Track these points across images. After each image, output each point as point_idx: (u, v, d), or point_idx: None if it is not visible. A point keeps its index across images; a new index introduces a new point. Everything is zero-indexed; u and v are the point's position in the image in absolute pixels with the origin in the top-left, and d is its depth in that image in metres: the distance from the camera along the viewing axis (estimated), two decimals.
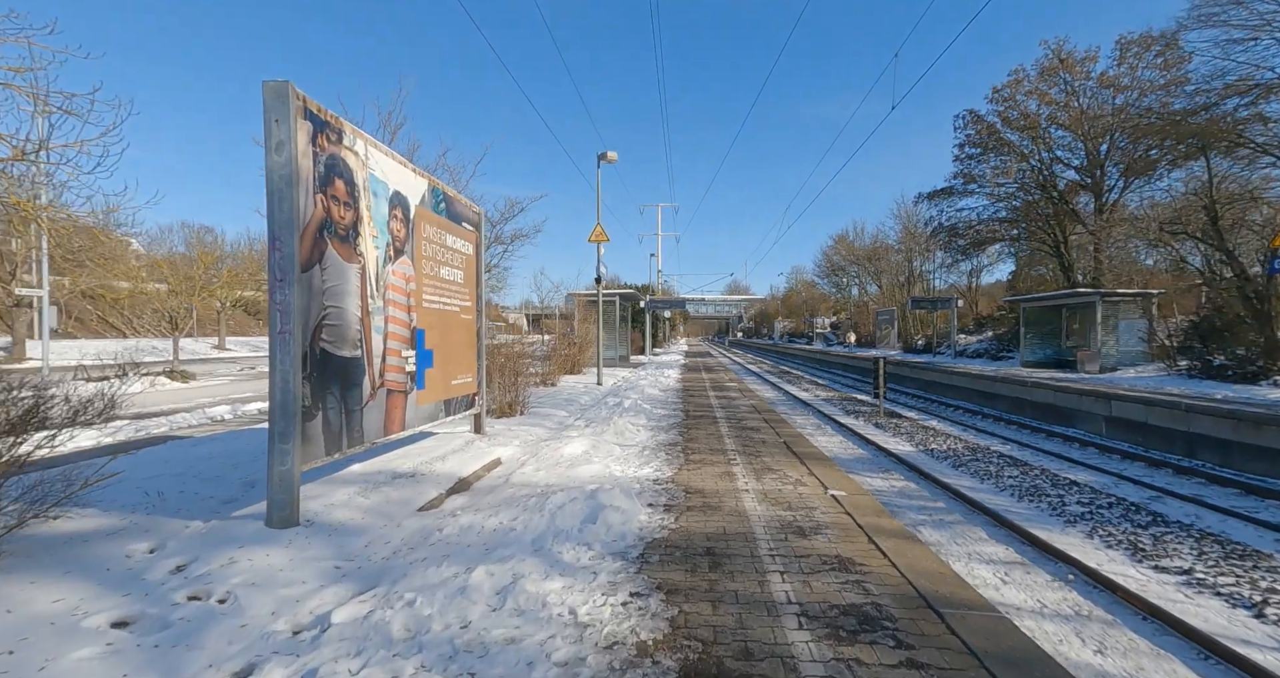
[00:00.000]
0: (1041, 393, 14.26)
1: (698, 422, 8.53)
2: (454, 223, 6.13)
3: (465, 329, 6.42)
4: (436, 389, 5.68)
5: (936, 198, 27.57)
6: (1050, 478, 8.62)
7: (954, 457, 10.22)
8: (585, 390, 12.29)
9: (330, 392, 3.86)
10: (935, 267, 36.15)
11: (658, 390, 12.39)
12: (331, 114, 3.85)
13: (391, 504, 3.99)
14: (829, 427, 13.84)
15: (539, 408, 9.29)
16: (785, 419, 9.54)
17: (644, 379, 15.13)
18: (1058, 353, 21.66)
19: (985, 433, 12.68)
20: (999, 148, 25.32)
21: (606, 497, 3.94)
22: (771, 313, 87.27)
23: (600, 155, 13.32)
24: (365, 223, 4.33)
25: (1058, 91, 23.39)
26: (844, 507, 4.11)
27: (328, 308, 3.84)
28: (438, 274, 5.72)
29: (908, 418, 14.94)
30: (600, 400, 10.64)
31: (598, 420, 8.10)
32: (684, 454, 6.11)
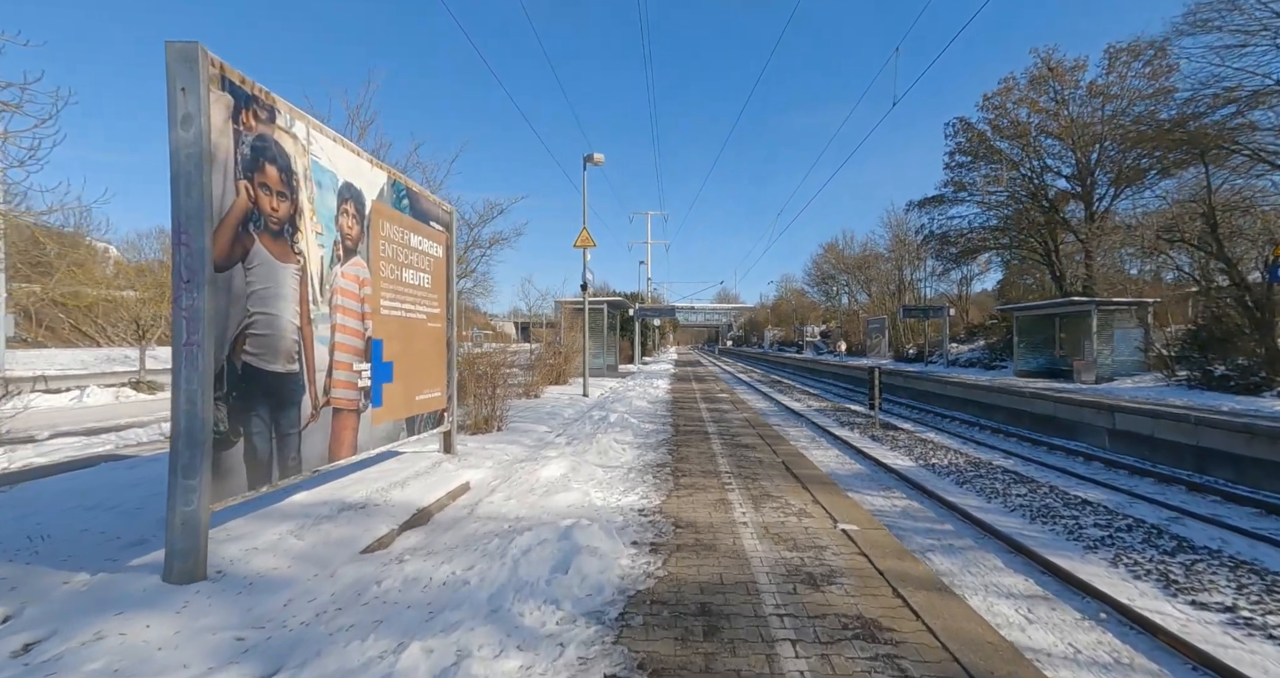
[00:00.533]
0: (1041, 404, 13.88)
1: (688, 438, 7.97)
2: (420, 222, 5.56)
3: (433, 339, 5.84)
4: (397, 406, 5.08)
5: (927, 206, 27.42)
6: (1060, 496, 8.15)
7: (957, 472, 9.74)
8: (570, 403, 11.69)
9: (256, 414, 3.26)
10: (926, 275, 36.06)
11: (646, 403, 11.82)
12: (260, 88, 3.29)
13: (330, 546, 3.39)
14: (824, 439, 13.33)
15: (519, 423, 8.69)
16: (781, 435, 9.02)
17: (632, 390, 14.56)
18: (1051, 362, 21.40)
19: (985, 446, 12.24)
20: (989, 156, 25.22)
21: (583, 535, 3.36)
22: (761, 321, 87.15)
23: (586, 158, 12.82)
24: (306, 217, 3.76)
25: (1047, 100, 23.35)
26: (858, 545, 3.57)
27: (254, 315, 3.25)
28: (399, 278, 5.14)
29: (904, 430, 14.49)
30: (585, 414, 10.05)
31: (580, 437, 7.51)
32: (673, 477, 5.55)
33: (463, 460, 5.94)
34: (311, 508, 4.06)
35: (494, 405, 8.11)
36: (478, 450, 6.54)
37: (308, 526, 3.69)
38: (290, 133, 3.58)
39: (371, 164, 4.67)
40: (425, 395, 5.66)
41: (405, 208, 5.26)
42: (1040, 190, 24.16)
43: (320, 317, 3.92)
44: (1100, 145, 22.68)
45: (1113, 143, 21.85)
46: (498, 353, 12.06)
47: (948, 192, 26.48)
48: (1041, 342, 21.88)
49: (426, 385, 5.69)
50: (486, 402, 8.08)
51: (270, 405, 3.39)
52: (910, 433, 13.99)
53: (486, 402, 8.08)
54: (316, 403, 3.85)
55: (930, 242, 27.93)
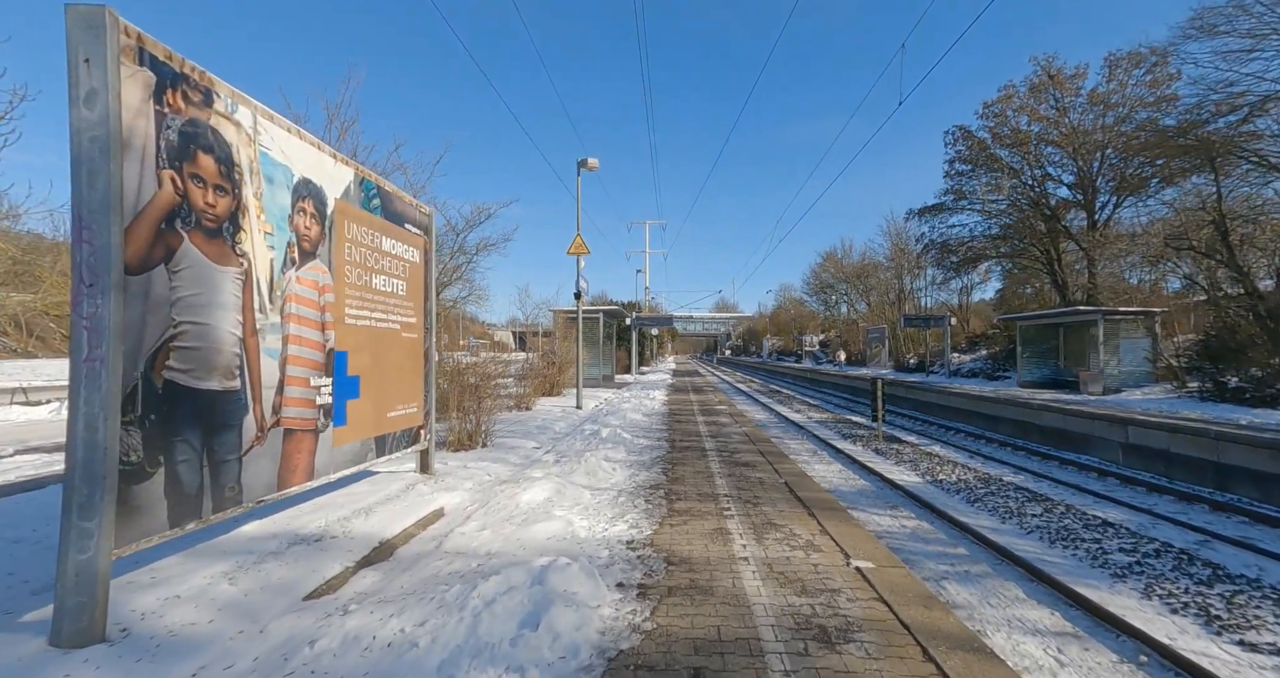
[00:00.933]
0: (1049, 417, 13.45)
1: (684, 455, 7.51)
2: (394, 224, 5.15)
3: (407, 351, 5.40)
4: (364, 424, 4.63)
5: (927, 214, 27.16)
6: (1078, 516, 7.69)
7: (966, 489, 9.28)
8: (562, 415, 11.23)
9: (183, 439, 2.82)
10: (925, 284, 35.76)
11: (641, 415, 11.37)
12: (192, 66, 2.88)
13: (268, 592, 2.93)
14: (826, 453, 12.87)
15: (507, 438, 8.23)
16: (781, 451, 8.57)
17: (628, 402, 14.11)
18: (1056, 373, 21.01)
19: (994, 461, 11.78)
20: (990, 164, 24.99)
21: (560, 578, 2.92)
22: (760, 331, 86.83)
23: (580, 162, 12.47)
24: (252, 215, 3.34)
25: (1048, 108, 23.15)
26: (875, 588, 3.12)
27: (181, 325, 2.82)
28: (369, 284, 4.72)
29: (908, 443, 14.04)
30: (576, 428, 9.60)
31: (570, 455, 7.06)
32: (667, 501, 5.09)
33: (440, 482, 5.48)
34: (258, 542, 3.61)
35: (479, 420, 7.66)
36: (458, 470, 6.08)
37: (248, 565, 3.24)
38: (232, 120, 3.17)
39: (335, 159, 4.26)
40: (399, 412, 5.21)
41: (376, 209, 4.85)
42: (1042, 199, 23.90)
43: (269, 327, 3.49)
44: (1102, 153, 22.45)
45: (1115, 151, 21.61)
46: (488, 363, 11.62)
47: (948, 200, 26.24)
48: (1045, 352, 21.50)
49: (400, 401, 5.25)
50: (471, 416, 7.62)
51: (202, 429, 2.95)
52: (915, 446, 13.53)
53: (471, 416, 7.62)
54: (263, 424, 3.41)
55: (931, 250, 27.64)
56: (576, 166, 12.61)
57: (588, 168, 12.47)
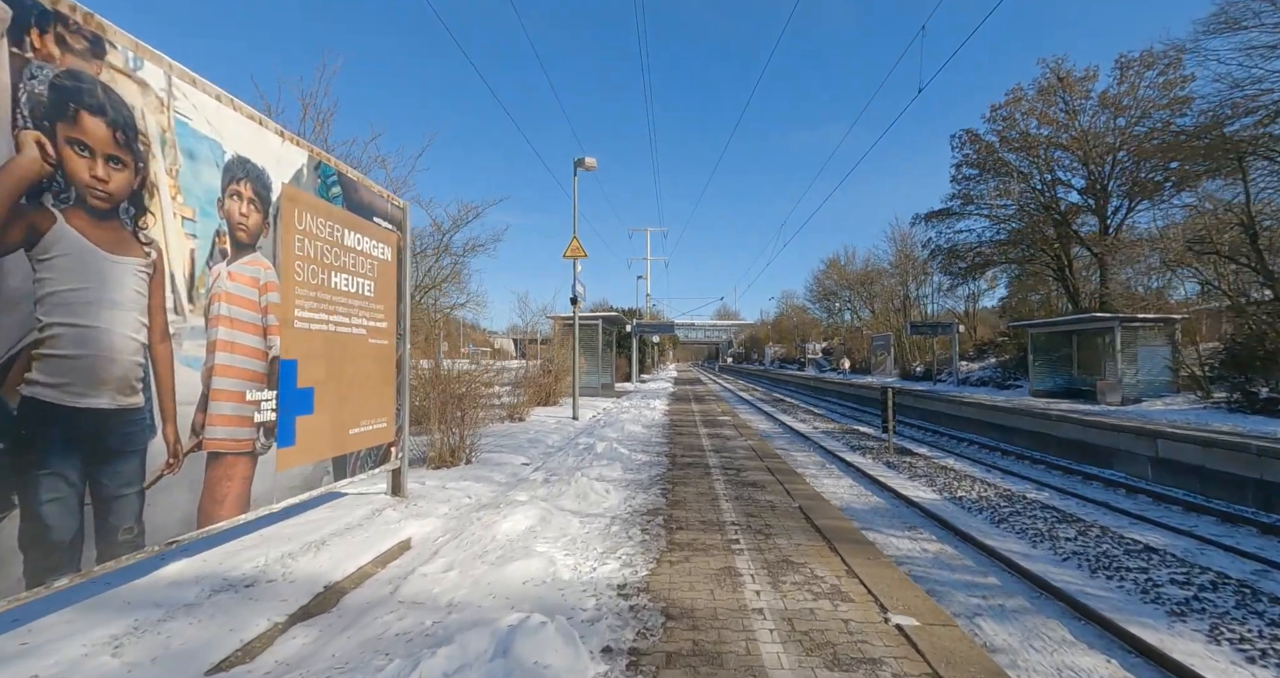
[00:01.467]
0: (1069, 428, 12.80)
1: (686, 473, 6.89)
2: (359, 216, 4.58)
3: (375, 359, 4.82)
4: (318, 444, 4.04)
5: (934, 219, 26.61)
6: (1117, 540, 7.05)
7: (989, 508, 8.64)
8: (557, 427, 10.62)
9: (50, 472, 2.23)
10: (931, 291, 35.16)
11: (640, 427, 10.74)
12: (72, 3, 2.32)
13: (161, 666, 2.32)
14: (835, 466, 12.24)
15: (495, 453, 7.62)
16: (790, 467, 7.94)
17: (627, 412, 13.49)
18: (1069, 382, 20.36)
19: (1013, 475, 11.13)
20: (998, 168, 24.49)
21: (531, 645, 2.31)
22: (762, 338, 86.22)
23: (577, 162, 11.94)
24: (164, 195, 2.76)
25: (1057, 111, 22.66)
26: (924, 656, 2.50)
27: (51, 328, 2.24)
28: (326, 283, 4.14)
29: (920, 455, 13.39)
30: (571, 441, 8.98)
31: (560, 473, 6.45)
32: (666, 531, 4.48)
33: (411, 506, 4.87)
34: (177, 589, 3.01)
35: (463, 434, 7.06)
36: (435, 491, 5.48)
37: (150, 624, 2.63)
38: (135, 78, 2.60)
39: (284, 138, 3.70)
40: (364, 428, 4.62)
41: (337, 198, 4.28)
42: (1052, 203, 23.36)
43: (188, 331, 2.90)
44: (1113, 157, 21.93)
45: (1128, 154, 21.09)
46: (480, 371, 11.03)
47: (955, 205, 25.71)
48: (1058, 360, 20.85)
49: (366, 415, 4.66)
50: (454, 430, 7.02)
51: (83, 458, 2.36)
52: (928, 459, 12.88)
53: (454, 430, 7.02)
54: (176, 448, 2.82)
55: (937, 256, 27.07)
56: (573, 166, 12.07)
57: (585, 167, 11.94)
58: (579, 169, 12.03)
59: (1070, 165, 23.45)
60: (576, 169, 12.07)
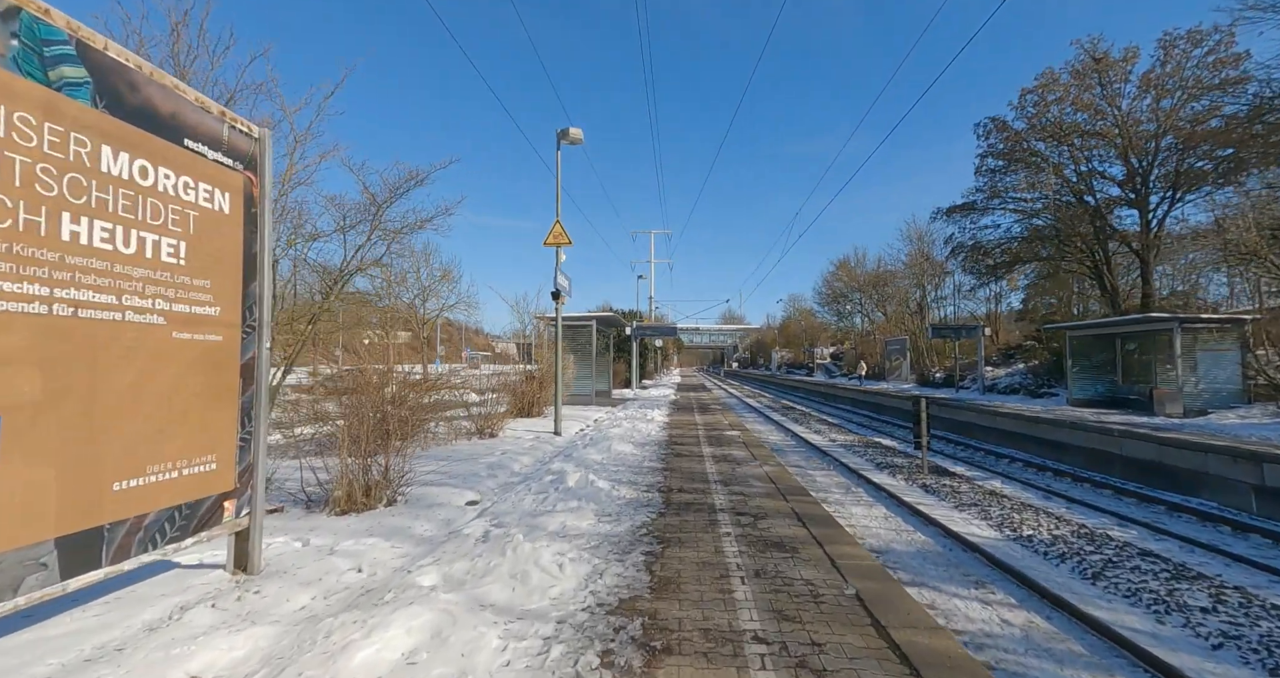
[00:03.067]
0: (1135, 446, 10.92)
1: (683, 521, 5.08)
2: (150, 133, 2.85)
3: (190, 364, 3.07)
4: (20, 513, 2.29)
5: (956, 214, 24.75)
6: (1275, 613, 5.20)
7: (1071, 553, 6.80)
8: (532, 445, 8.86)
9: None
10: (950, 292, 33.24)
11: (631, 447, 8.94)
12: None
13: None
14: (863, 490, 10.41)
15: (435, 486, 5.86)
16: (830, 515, 6.11)
17: (619, 425, 11.71)
18: (1113, 390, 18.43)
19: (1081, 505, 9.25)
20: (1027, 159, 22.64)
21: None
22: (768, 343, 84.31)
23: (560, 133, 10.22)
24: None
25: (1093, 95, 20.81)
26: None
27: None
28: (55, 233, 2.40)
29: (960, 476, 11.53)
30: (542, 467, 7.20)
31: (510, 520, 4.67)
32: (643, 657, 2.67)
33: (250, 595, 3.12)
34: None
35: (388, 465, 5.29)
36: (311, 558, 3.71)
37: None
38: None
39: None
40: (157, 476, 2.86)
41: (81, 91, 2.54)
42: (1090, 194, 21.49)
43: None
44: (1156, 143, 20.05)
45: (1178, 139, 19.21)
46: (437, 380, 9.33)
47: (979, 198, 23.86)
48: (1099, 366, 18.93)
49: (164, 455, 2.90)
50: (379, 461, 5.26)
51: None
52: (970, 481, 11.03)
53: (379, 461, 5.26)
54: None
55: (960, 253, 25.20)
56: (556, 139, 10.35)
57: (569, 140, 10.22)
58: (563, 141, 10.31)
59: (1107, 155, 21.58)
60: (560, 142, 10.35)
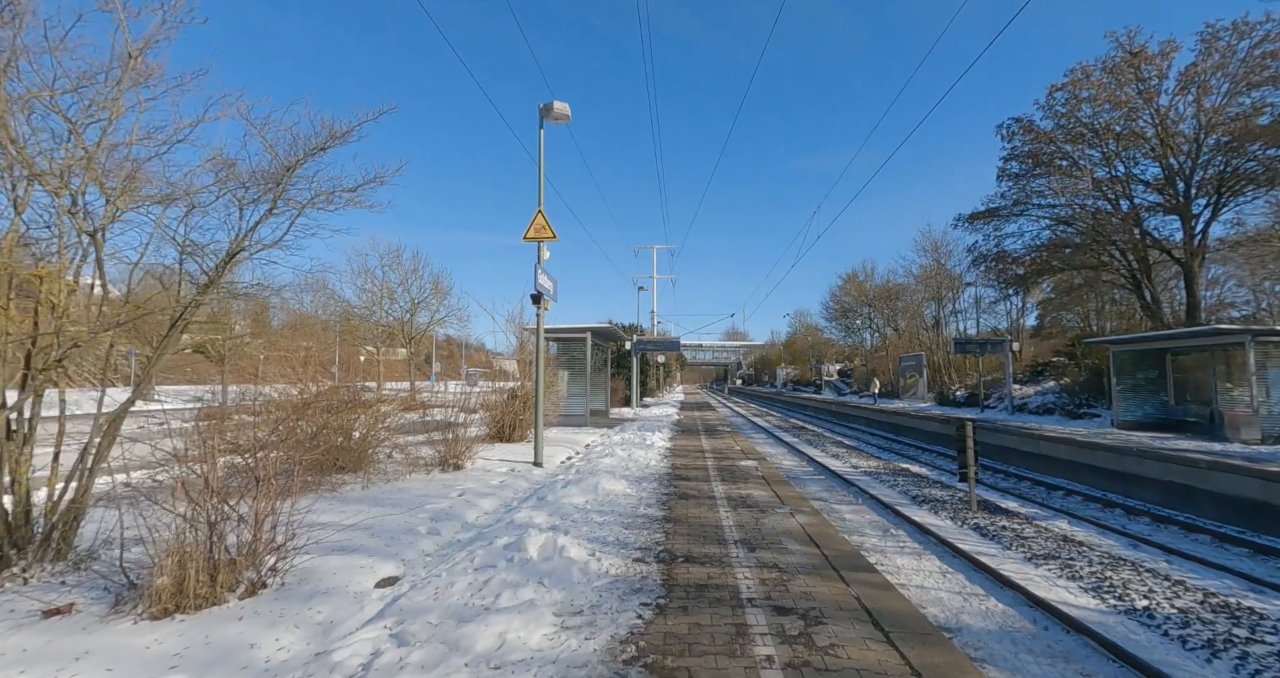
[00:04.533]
0: (1233, 481, 9.11)
1: (693, 617, 3.33)
2: None
3: None
4: None
5: (979, 221, 23.15)
6: None
7: (1217, 640, 5.00)
8: (503, 481, 7.13)
9: None
10: (966, 305, 31.53)
11: (625, 482, 7.17)
12: None
13: None
14: (905, 532, 8.63)
15: (344, 553, 4.12)
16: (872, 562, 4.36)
17: (614, 451, 9.96)
18: (1163, 411, 16.62)
19: (1184, 558, 7.42)
20: (1056, 161, 21.11)
21: None
22: (773, 359, 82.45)
23: (543, 109, 8.67)
24: None
25: (1129, 91, 19.33)
26: None
27: None
28: None
29: (1017, 515, 9.72)
30: (505, 516, 5.45)
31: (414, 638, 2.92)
32: None
33: None
34: None
35: (258, 533, 3.56)
36: None
37: None
38: None
39: None
40: None
41: None
42: (1125, 198, 19.91)
43: None
44: (1198, 144, 18.50)
45: (1218, 140, 17.66)
46: (393, 397, 7.68)
47: (1005, 204, 22.29)
48: (1147, 384, 17.13)
49: None
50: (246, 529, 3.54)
51: None
52: (1032, 522, 9.22)
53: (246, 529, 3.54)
54: None
55: (983, 263, 23.57)
56: (538, 116, 8.79)
57: (553, 117, 8.67)
58: (546, 118, 8.75)
59: (1144, 156, 20.03)
60: (543, 119, 8.79)
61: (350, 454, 7.46)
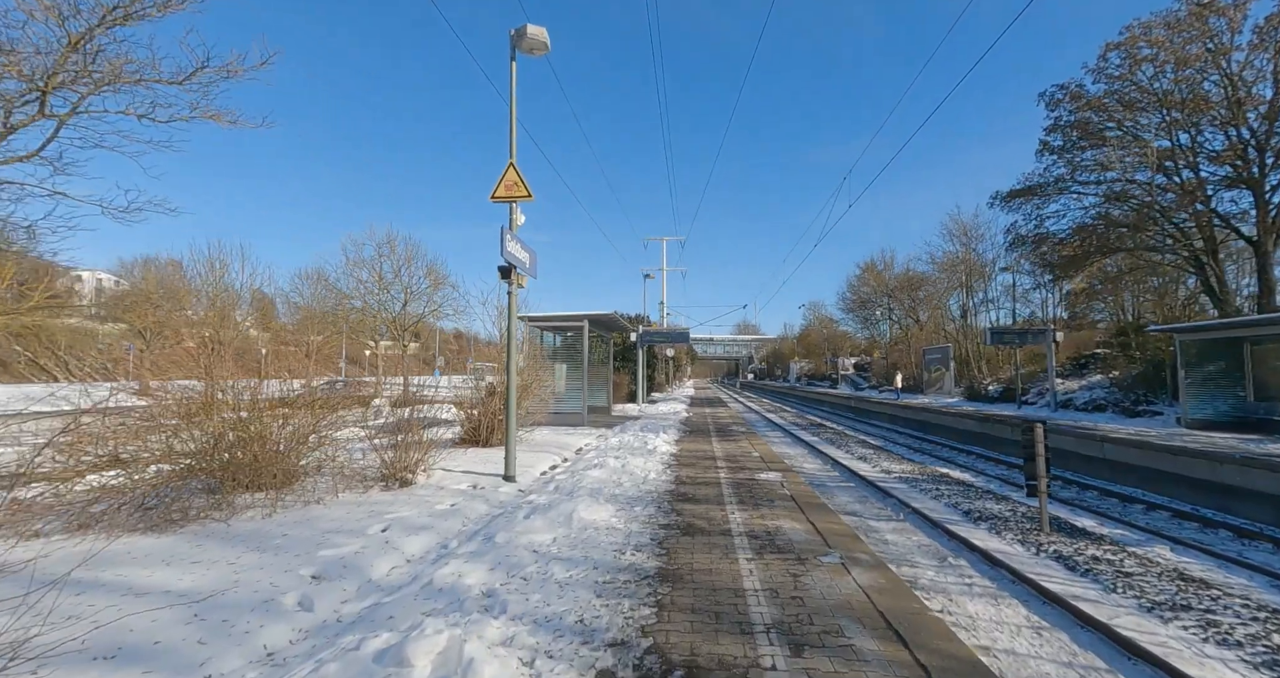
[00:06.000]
0: None
1: None
2: None
3: None
4: None
5: (1018, 199, 21.04)
6: None
7: None
8: (453, 506, 5.47)
9: None
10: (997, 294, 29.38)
11: (612, 508, 5.45)
12: None
13: None
14: (965, 561, 6.90)
15: (109, 663, 2.43)
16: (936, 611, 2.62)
17: (607, 458, 8.27)
18: (1240, 408, 14.60)
19: None
20: (1107, 131, 18.98)
21: None
22: (786, 353, 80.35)
23: (514, 35, 6.93)
24: None
25: (1197, 48, 17.13)
26: None
27: None
28: None
29: (1101, 538, 7.90)
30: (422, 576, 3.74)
31: None
32: None
33: None
34: None
35: None
36: None
37: None
38: None
39: None
40: None
41: None
42: (1190, 169, 17.77)
43: None
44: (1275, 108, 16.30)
45: None
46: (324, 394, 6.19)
47: (1047, 180, 20.20)
48: (1219, 377, 15.09)
49: None
50: None
51: None
52: (1124, 548, 7.40)
53: None
54: None
55: (1023, 245, 21.47)
56: (509, 44, 7.05)
57: (525, 47, 6.91)
58: (518, 48, 7.00)
59: (1209, 123, 17.84)
60: (514, 49, 7.04)
61: (266, 468, 5.83)
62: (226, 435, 5.85)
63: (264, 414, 6.10)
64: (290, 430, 6.40)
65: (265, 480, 6.12)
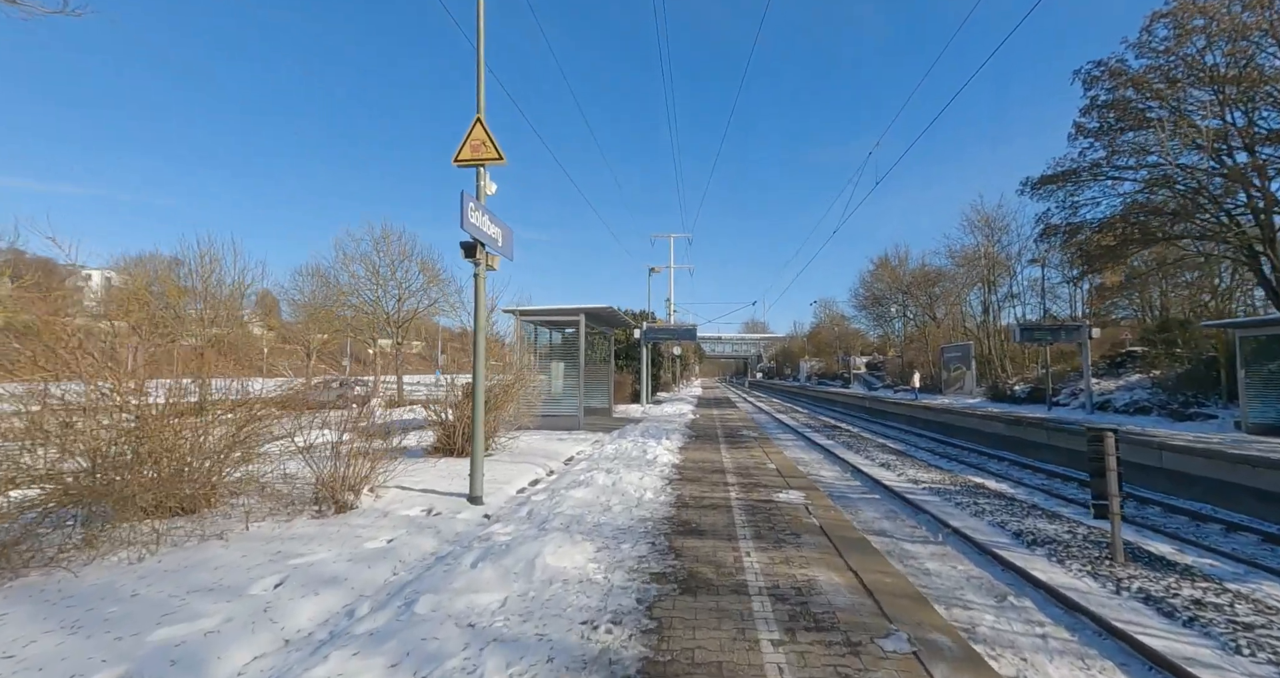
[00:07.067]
0: None
1: None
2: None
3: None
4: None
5: (1051, 185, 19.56)
6: None
7: None
8: (391, 543, 4.29)
9: None
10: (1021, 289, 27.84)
11: (588, 552, 4.19)
12: None
13: None
14: (1030, 600, 5.62)
15: None
16: None
17: (597, 473, 7.04)
18: None
19: None
20: (1149, 110, 17.48)
21: None
22: (795, 352, 78.78)
23: None
24: None
25: (1251, 18, 15.62)
26: None
27: None
28: None
29: (1187, 569, 6.57)
30: None
31: None
32: None
33: None
34: None
35: None
36: None
37: None
38: None
39: None
40: None
41: None
42: (1245, 151, 16.27)
43: None
44: None
45: None
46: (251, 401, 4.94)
47: (1082, 165, 18.71)
48: (1276, 378, 13.64)
49: None
50: None
51: None
52: (1222, 584, 6.09)
53: None
54: None
55: (1055, 235, 20.00)
56: None
57: None
58: None
59: (1263, 100, 16.32)
60: None
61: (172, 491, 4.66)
62: (112, 450, 4.66)
63: (164, 422, 4.90)
64: (212, 442, 5.24)
65: (173, 504, 4.96)
